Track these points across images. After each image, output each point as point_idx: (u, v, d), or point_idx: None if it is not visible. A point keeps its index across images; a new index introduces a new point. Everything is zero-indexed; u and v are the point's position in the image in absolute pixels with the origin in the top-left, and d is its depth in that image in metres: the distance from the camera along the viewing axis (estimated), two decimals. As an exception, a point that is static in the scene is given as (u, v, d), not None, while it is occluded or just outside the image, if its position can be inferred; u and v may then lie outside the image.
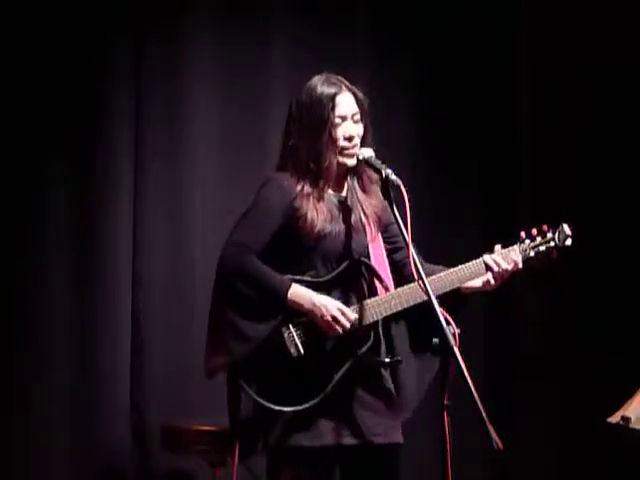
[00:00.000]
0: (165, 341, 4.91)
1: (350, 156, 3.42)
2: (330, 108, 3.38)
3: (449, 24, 5.49)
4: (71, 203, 4.79)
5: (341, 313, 3.32)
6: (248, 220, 3.42)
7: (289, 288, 3.33)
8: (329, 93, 3.40)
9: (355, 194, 3.49)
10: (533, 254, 3.49)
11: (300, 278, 3.37)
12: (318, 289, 3.36)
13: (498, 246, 3.50)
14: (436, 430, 3.11)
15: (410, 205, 3.21)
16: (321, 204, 3.40)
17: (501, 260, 3.45)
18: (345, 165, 3.44)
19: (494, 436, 2.97)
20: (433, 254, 3.53)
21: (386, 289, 3.41)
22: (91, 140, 4.83)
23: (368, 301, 3.38)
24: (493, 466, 5.26)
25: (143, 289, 4.90)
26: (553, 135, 5.35)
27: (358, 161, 3.42)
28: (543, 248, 3.49)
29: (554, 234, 3.50)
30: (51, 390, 4.71)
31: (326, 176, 3.42)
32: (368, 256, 3.45)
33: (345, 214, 3.45)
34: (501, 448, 2.96)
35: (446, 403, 3.09)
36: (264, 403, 3.31)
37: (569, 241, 3.50)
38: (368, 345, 3.37)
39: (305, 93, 3.43)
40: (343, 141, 3.40)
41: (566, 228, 3.51)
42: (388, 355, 3.42)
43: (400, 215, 3.27)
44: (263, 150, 4.90)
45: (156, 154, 4.95)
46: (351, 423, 3.37)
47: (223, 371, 3.38)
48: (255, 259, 3.35)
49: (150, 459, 4.87)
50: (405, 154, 5.25)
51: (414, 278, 3.25)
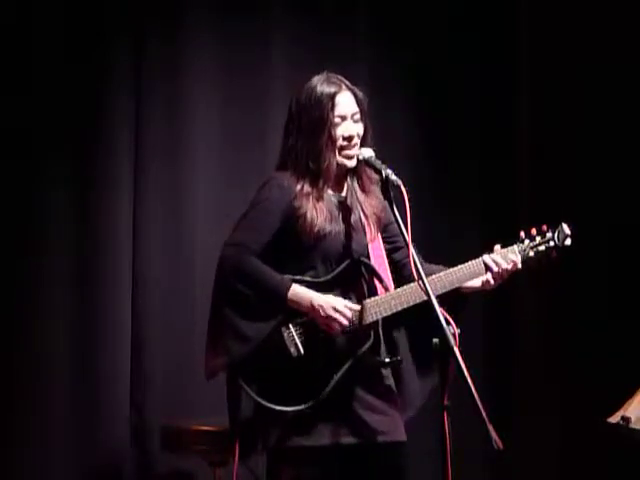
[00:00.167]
0: (165, 341, 4.91)
1: (350, 157, 3.42)
2: (330, 108, 3.38)
3: (449, 24, 5.49)
4: (71, 203, 4.78)
5: (340, 313, 3.31)
6: (248, 220, 3.41)
7: (289, 288, 3.33)
8: (329, 92, 3.40)
9: (355, 194, 3.49)
10: (532, 254, 3.49)
11: (300, 278, 3.37)
12: (318, 289, 3.36)
13: (498, 246, 3.50)
14: (436, 430, 3.10)
15: (410, 205, 3.22)
16: (321, 204, 3.40)
17: (501, 260, 3.45)
18: (345, 166, 3.44)
19: (494, 436, 2.97)
20: (433, 254, 3.54)
21: (386, 289, 3.41)
22: (91, 140, 4.82)
23: (368, 301, 3.38)
24: (493, 466, 5.26)
25: (143, 289, 4.90)
26: (553, 135, 5.35)
27: (358, 161, 3.42)
28: (542, 248, 3.49)
29: (553, 234, 3.50)
30: (51, 390, 4.70)
31: (326, 176, 3.42)
32: (368, 256, 3.45)
33: (345, 214, 3.45)
34: (501, 448, 2.96)
35: (446, 403, 3.08)
36: (264, 403, 3.31)
37: (569, 241, 3.50)
38: (368, 345, 3.37)
39: (305, 93, 3.42)
40: (343, 141, 3.40)
41: (566, 228, 3.50)
42: (388, 355, 3.43)
43: (400, 215, 3.27)
44: (263, 150, 4.90)
45: (156, 154, 4.94)
46: (351, 423, 3.37)
47: (223, 371, 3.38)
48: (255, 259, 3.35)
49: (150, 459, 4.86)
50: (405, 154, 5.25)
51: (414, 278, 3.25)
